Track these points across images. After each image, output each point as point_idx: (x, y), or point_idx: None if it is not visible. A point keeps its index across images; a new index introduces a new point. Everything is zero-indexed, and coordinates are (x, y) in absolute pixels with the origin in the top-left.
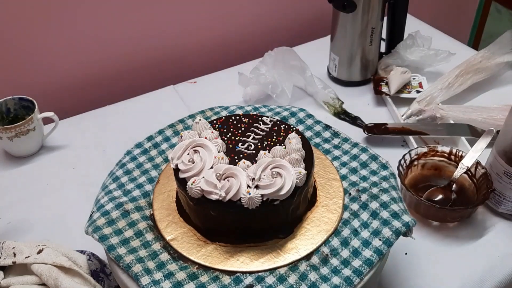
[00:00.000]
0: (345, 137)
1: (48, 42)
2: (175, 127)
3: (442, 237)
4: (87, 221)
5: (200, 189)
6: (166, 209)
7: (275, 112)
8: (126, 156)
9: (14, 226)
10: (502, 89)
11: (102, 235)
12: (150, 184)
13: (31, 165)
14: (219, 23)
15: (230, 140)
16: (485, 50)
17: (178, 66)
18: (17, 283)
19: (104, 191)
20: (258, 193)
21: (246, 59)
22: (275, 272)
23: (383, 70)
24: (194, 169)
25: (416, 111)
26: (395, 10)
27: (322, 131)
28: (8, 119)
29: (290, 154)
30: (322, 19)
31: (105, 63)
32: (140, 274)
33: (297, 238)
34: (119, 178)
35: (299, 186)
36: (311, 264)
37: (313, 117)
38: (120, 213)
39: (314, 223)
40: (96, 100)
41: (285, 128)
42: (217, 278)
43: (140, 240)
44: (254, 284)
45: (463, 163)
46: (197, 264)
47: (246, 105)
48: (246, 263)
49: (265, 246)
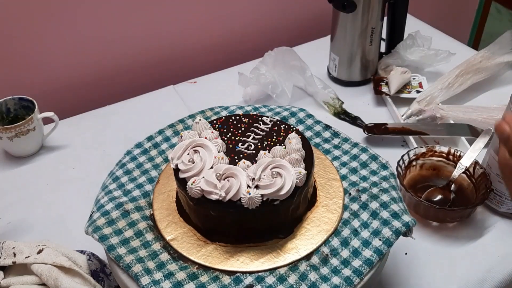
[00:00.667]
0: (345, 137)
1: (48, 42)
2: (175, 127)
3: (441, 237)
4: (87, 221)
5: (200, 189)
6: (166, 209)
7: (275, 112)
8: (126, 156)
9: (14, 226)
10: (502, 89)
11: (102, 235)
12: (150, 184)
13: (31, 165)
14: (219, 23)
15: (230, 140)
16: (485, 50)
17: (178, 66)
18: (17, 283)
19: (104, 191)
20: (258, 193)
21: (246, 59)
22: (275, 272)
23: (383, 70)
24: (194, 169)
25: (416, 111)
26: (395, 10)
27: (322, 131)
28: (8, 119)
29: (290, 154)
30: (322, 19)
31: (105, 63)
32: (140, 274)
33: (297, 238)
34: (119, 178)
35: (299, 186)
36: (311, 264)
37: (313, 117)
38: (120, 213)
39: (314, 223)
40: (96, 100)
41: (285, 128)
42: (217, 278)
43: (140, 240)
44: (254, 284)
45: (461, 163)
46: (197, 264)
47: (246, 105)
48: (246, 263)
49: (265, 246)
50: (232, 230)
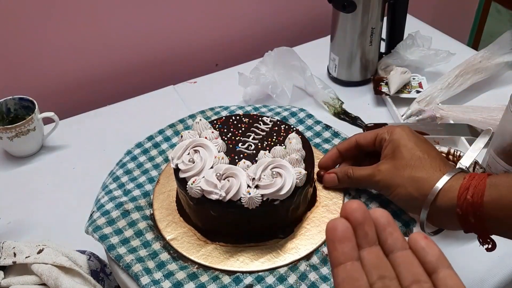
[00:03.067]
0: (345, 137)
1: (48, 42)
2: (175, 127)
3: (442, 237)
4: (87, 221)
5: (200, 189)
6: (166, 208)
7: (275, 112)
8: (126, 156)
9: (14, 226)
10: (502, 89)
11: (102, 235)
12: (150, 184)
13: (31, 165)
14: (219, 23)
15: (230, 140)
16: (485, 50)
17: (178, 66)
18: (17, 283)
19: (105, 191)
20: (258, 193)
21: (246, 59)
22: (275, 272)
23: (383, 70)
24: (194, 169)
25: (416, 111)
26: (395, 10)
27: (322, 131)
28: (8, 119)
29: (290, 154)
30: (322, 19)
31: (105, 63)
32: (140, 273)
33: (297, 238)
34: (119, 178)
35: (299, 186)
36: (311, 264)
37: (313, 117)
38: (120, 213)
39: (314, 223)
40: (96, 100)
41: (285, 128)
42: (217, 278)
43: (140, 239)
44: (254, 284)
45: (461, 163)
46: (197, 264)
47: (246, 105)
48: (246, 263)
49: (265, 246)
50: (232, 230)
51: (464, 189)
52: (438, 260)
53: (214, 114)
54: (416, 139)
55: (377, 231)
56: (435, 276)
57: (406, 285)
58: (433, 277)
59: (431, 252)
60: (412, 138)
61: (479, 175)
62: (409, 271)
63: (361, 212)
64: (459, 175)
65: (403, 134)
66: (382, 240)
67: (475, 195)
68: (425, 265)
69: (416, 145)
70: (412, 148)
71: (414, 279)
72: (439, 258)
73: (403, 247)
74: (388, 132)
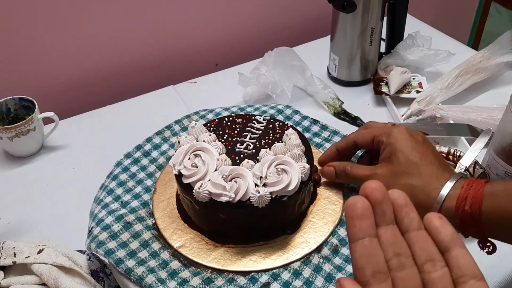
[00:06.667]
0: (334, 130)
1: (48, 42)
2: (163, 133)
3: None
4: (87, 237)
5: (208, 193)
6: (169, 216)
7: (261, 111)
8: (117, 167)
9: (14, 226)
10: (502, 89)
11: (107, 250)
12: (147, 193)
13: (31, 165)
14: (219, 23)
15: (228, 142)
16: (485, 50)
17: (178, 66)
18: (17, 283)
19: (100, 205)
20: (267, 191)
21: (246, 59)
22: (289, 267)
23: (383, 70)
24: (199, 173)
25: (416, 111)
26: (395, 10)
27: (311, 125)
28: (8, 119)
29: (292, 150)
30: (322, 19)
31: (105, 63)
32: (154, 284)
33: (305, 232)
34: (113, 191)
35: (304, 180)
36: (323, 255)
37: (299, 113)
38: (122, 226)
39: (319, 215)
40: (96, 100)
41: (280, 125)
42: (233, 279)
43: (148, 250)
44: (271, 282)
45: (461, 163)
46: (210, 268)
47: (231, 106)
48: (259, 261)
49: (275, 243)
50: (240, 230)
51: (462, 200)
52: (451, 239)
53: (200, 118)
54: (414, 142)
55: (395, 211)
56: (448, 254)
57: (420, 263)
58: (446, 255)
59: (444, 232)
60: (409, 141)
61: (476, 183)
62: (423, 250)
63: (381, 192)
64: (457, 184)
65: (400, 138)
66: (399, 220)
67: (473, 205)
68: (439, 244)
69: (413, 149)
70: (409, 153)
71: (428, 258)
72: (452, 237)
73: (419, 227)
74: (385, 134)
